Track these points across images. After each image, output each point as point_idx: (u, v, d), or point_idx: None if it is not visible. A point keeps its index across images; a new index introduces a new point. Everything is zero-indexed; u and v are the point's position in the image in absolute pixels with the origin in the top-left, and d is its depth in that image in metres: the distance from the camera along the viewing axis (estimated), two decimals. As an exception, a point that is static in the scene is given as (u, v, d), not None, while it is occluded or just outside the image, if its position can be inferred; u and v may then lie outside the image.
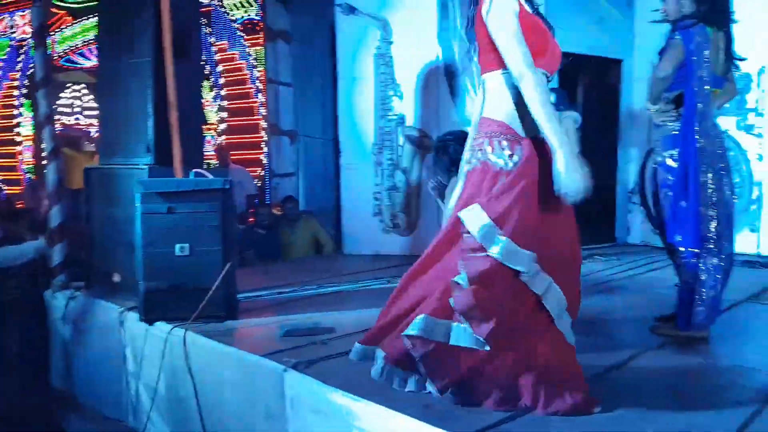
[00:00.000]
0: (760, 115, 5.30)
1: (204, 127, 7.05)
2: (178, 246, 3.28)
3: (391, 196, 5.69)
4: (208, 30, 6.97)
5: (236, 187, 6.11)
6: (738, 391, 2.25)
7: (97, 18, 4.84)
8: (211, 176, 3.41)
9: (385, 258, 5.32)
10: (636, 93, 6.01)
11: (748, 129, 5.38)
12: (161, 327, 3.23)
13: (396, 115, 5.65)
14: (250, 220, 5.92)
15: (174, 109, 3.68)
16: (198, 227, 3.28)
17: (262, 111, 6.83)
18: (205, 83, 7.08)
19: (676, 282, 2.93)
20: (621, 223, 6.33)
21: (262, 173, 6.86)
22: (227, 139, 7.12)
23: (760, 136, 5.33)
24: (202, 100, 6.81)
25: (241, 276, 3.66)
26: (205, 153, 6.99)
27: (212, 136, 7.22)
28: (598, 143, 6.99)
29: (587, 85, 6.94)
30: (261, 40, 6.70)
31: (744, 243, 5.36)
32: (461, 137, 2.71)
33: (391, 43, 5.55)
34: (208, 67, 7.07)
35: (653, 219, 3.10)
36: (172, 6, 3.70)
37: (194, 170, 3.43)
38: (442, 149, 2.79)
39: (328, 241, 5.90)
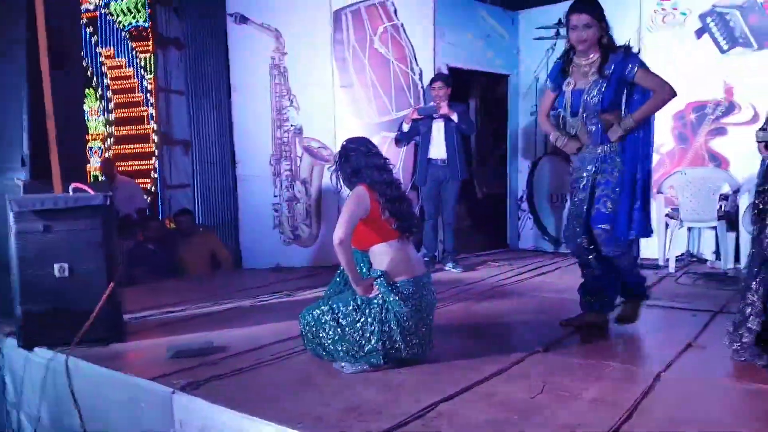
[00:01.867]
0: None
1: (90, 137, 6.69)
2: (56, 266, 3.09)
3: (291, 207, 5.66)
4: (94, 38, 6.61)
5: (124, 200, 5.88)
6: (618, 389, 2.43)
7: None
8: (91, 191, 3.24)
9: (286, 271, 5.28)
10: (521, 107, 6.37)
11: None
12: (42, 353, 3.04)
13: (293, 125, 5.64)
14: (140, 235, 5.63)
15: (51, 121, 3.47)
16: (78, 246, 3.10)
17: (153, 120, 6.56)
18: (91, 92, 6.71)
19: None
20: (512, 229, 6.65)
21: (153, 185, 6.58)
22: (116, 149, 6.77)
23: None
24: (86, 110, 6.47)
25: (129, 295, 3.51)
26: (94, 165, 6.68)
27: (99, 146, 6.84)
28: (490, 154, 7.35)
29: (478, 98, 7.28)
30: (150, 47, 6.44)
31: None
32: (363, 145, 2.80)
33: (285, 53, 5.54)
34: (94, 75, 6.70)
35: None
36: (49, 12, 3.50)
37: (73, 185, 3.25)
38: (345, 158, 2.78)
39: (226, 256, 5.74)
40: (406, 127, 5.24)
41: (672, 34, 5.41)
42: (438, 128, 5.18)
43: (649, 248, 5.54)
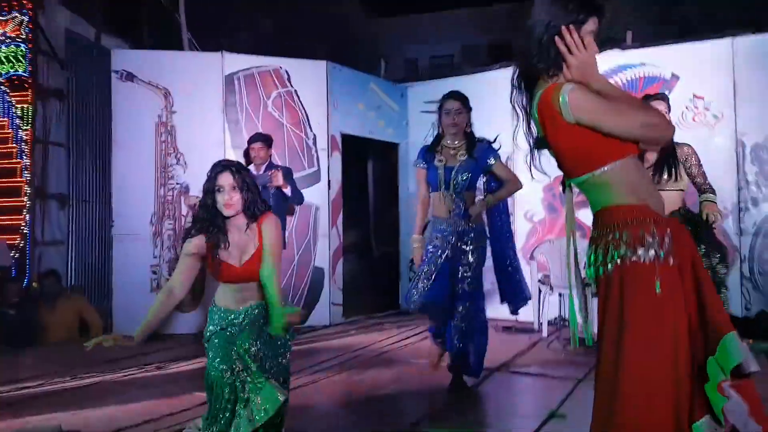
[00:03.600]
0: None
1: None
2: None
3: (172, 268, 5.40)
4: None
5: (-14, 259, 5.38)
6: None
7: None
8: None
9: (162, 339, 4.98)
10: (411, 173, 6.57)
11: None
12: None
13: (179, 183, 5.47)
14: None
15: None
16: None
17: (27, 171, 6.12)
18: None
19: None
20: (404, 290, 6.71)
21: (21, 242, 6.08)
22: (-18, 202, 6.22)
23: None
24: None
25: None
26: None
27: (-39, 199, 6.26)
28: (383, 217, 7.48)
29: (373, 164, 7.47)
30: (29, 98, 6.09)
31: (505, 309, 6.00)
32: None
33: (173, 112, 5.43)
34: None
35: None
36: None
37: None
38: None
39: (95, 321, 5.31)
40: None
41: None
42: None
43: (523, 312, 5.78)
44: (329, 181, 5.88)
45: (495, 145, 3.40)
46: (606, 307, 1.58)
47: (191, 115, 5.48)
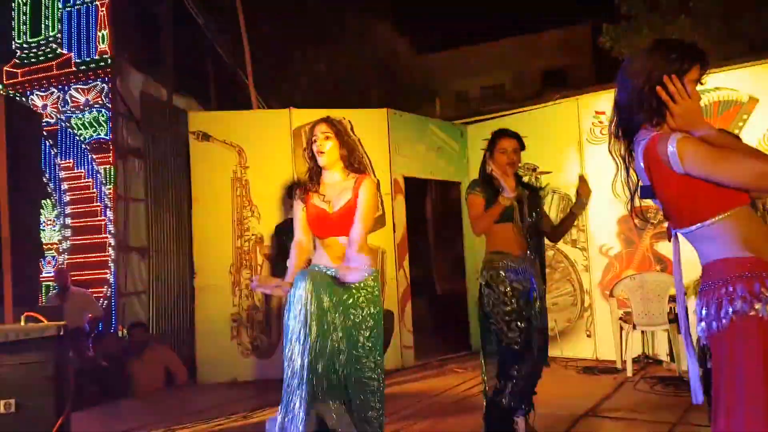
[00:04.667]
0: (582, 230, 6.00)
1: (45, 246, 6.59)
2: (2, 402, 2.97)
3: (250, 316, 5.61)
4: (53, 150, 6.68)
5: (76, 311, 5.73)
6: None
7: None
8: (44, 320, 3.18)
9: (242, 386, 5.14)
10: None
11: (574, 243, 6.07)
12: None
13: (254, 234, 5.71)
14: (90, 352, 5.42)
15: (7, 247, 3.45)
16: (27, 380, 2.99)
17: (111, 229, 6.53)
18: (48, 202, 6.68)
19: None
20: (474, 330, 6.66)
21: (109, 293, 6.45)
22: (70, 258, 6.66)
23: (584, 249, 6.02)
24: (43, 219, 6.41)
25: (79, 420, 3.37)
26: (45, 275, 6.52)
27: (53, 255, 6.72)
28: (446, 255, 7.53)
29: (433, 204, 7.56)
30: (111, 159, 6.53)
31: (583, 349, 5.90)
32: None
33: (246, 167, 5.71)
34: (51, 186, 6.70)
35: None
36: (9, 136, 3.56)
37: (26, 314, 3.18)
38: None
39: (181, 370, 5.57)
40: None
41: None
42: None
43: (605, 349, 5.65)
44: (394, 224, 5.99)
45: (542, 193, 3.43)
46: (721, 366, 1.49)
47: (263, 169, 5.75)
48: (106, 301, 6.42)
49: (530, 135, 3.59)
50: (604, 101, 5.76)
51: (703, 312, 1.53)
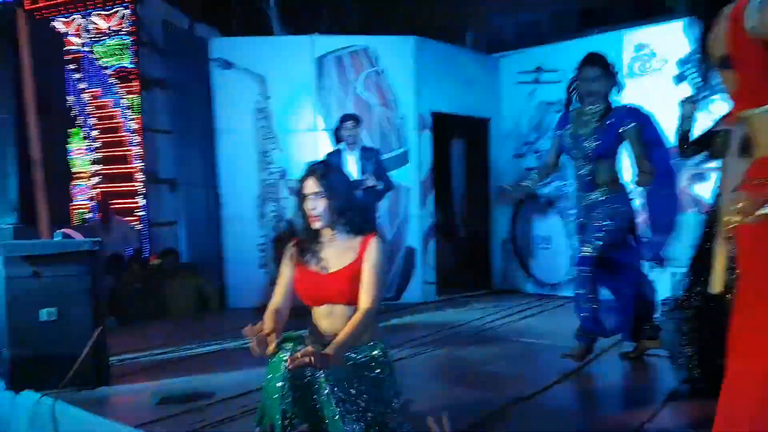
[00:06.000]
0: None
1: (75, 175, 6.71)
2: (44, 311, 3.11)
3: (277, 247, 5.69)
4: (78, 76, 6.69)
5: (119, 240, 5.90)
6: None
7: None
8: (79, 236, 3.28)
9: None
10: (503, 149, 6.51)
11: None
12: (28, 395, 3.02)
13: (278, 168, 5.73)
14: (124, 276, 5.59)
15: (39, 167, 3.53)
16: (66, 291, 3.13)
17: (139, 159, 6.61)
18: (77, 131, 6.75)
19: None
20: (496, 270, 6.69)
21: (139, 224, 6.60)
22: (100, 187, 6.79)
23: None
24: (71, 153, 6.50)
25: (114, 337, 3.51)
26: (77, 203, 6.68)
27: (85, 184, 6.86)
28: (472, 196, 7.45)
29: (460, 142, 7.42)
30: (136, 88, 6.54)
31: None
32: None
33: (268, 98, 5.66)
34: (79, 115, 6.76)
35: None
36: (35, 59, 3.57)
37: (61, 230, 3.28)
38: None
39: (212, 296, 5.73)
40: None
41: (652, 80, 5.52)
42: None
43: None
44: (420, 161, 5.92)
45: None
46: (747, 263, 1.44)
47: (285, 99, 5.70)
48: (137, 232, 6.58)
49: (568, 71, 3.51)
50: (645, 35, 5.53)
51: (740, 205, 1.43)
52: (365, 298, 2.16)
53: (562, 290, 5.81)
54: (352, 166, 4.80)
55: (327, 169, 2.25)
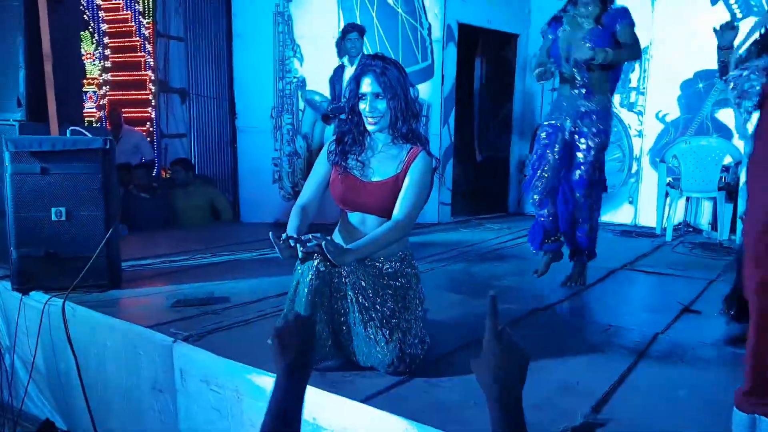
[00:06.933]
0: (642, 93, 5.66)
1: (86, 82, 6.50)
2: (54, 210, 3.02)
3: (291, 162, 5.56)
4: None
5: (129, 151, 5.76)
6: (614, 348, 2.43)
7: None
8: (89, 134, 3.14)
9: (285, 227, 5.18)
10: (530, 68, 6.19)
11: (631, 107, 5.74)
12: (37, 297, 2.99)
13: (296, 77, 5.49)
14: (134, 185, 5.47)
15: (49, 60, 3.35)
16: (76, 190, 3.02)
17: (150, 68, 6.37)
18: (87, 34, 6.48)
19: None
20: (513, 194, 6.59)
21: (150, 133, 6.44)
22: (111, 95, 6.59)
23: (640, 113, 5.71)
24: (82, 52, 6.25)
25: (124, 245, 3.45)
26: (87, 110, 6.50)
27: (94, 91, 6.66)
28: (494, 117, 7.22)
29: (485, 59, 7.09)
30: (149, -10, 6.22)
31: (622, 215, 5.79)
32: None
33: (290, 1, 5.36)
34: (89, 16, 6.47)
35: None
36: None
37: (71, 128, 3.15)
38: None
39: (226, 208, 5.65)
40: None
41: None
42: None
43: (646, 216, 5.55)
44: (443, 76, 5.67)
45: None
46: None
47: (306, 4, 5.38)
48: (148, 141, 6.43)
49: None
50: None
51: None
52: (399, 210, 2.04)
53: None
54: None
55: (386, 66, 2.03)
